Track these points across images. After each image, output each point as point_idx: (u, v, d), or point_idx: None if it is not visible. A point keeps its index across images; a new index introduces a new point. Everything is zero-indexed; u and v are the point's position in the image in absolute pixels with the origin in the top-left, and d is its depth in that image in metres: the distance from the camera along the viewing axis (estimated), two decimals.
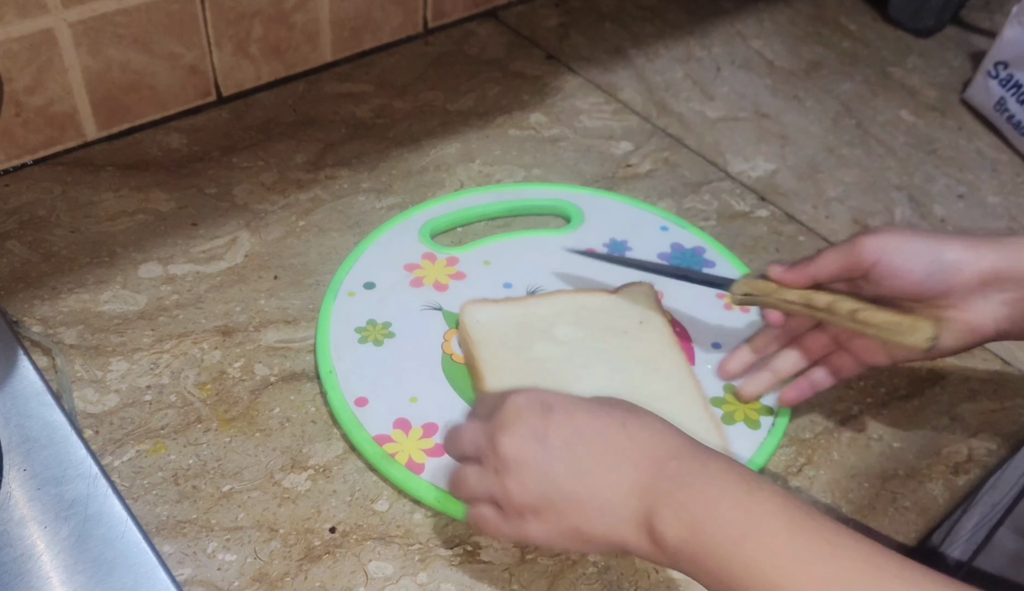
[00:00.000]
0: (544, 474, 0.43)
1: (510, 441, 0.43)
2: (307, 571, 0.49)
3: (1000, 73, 0.87)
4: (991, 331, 0.51)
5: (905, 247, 0.50)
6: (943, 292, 0.50)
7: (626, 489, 0.42)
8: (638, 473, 0.42)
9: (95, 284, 0.64)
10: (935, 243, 0.50)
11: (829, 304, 0.53)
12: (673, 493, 0.41)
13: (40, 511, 0.50)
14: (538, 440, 0.43)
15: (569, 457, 0.43)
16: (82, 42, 0.70)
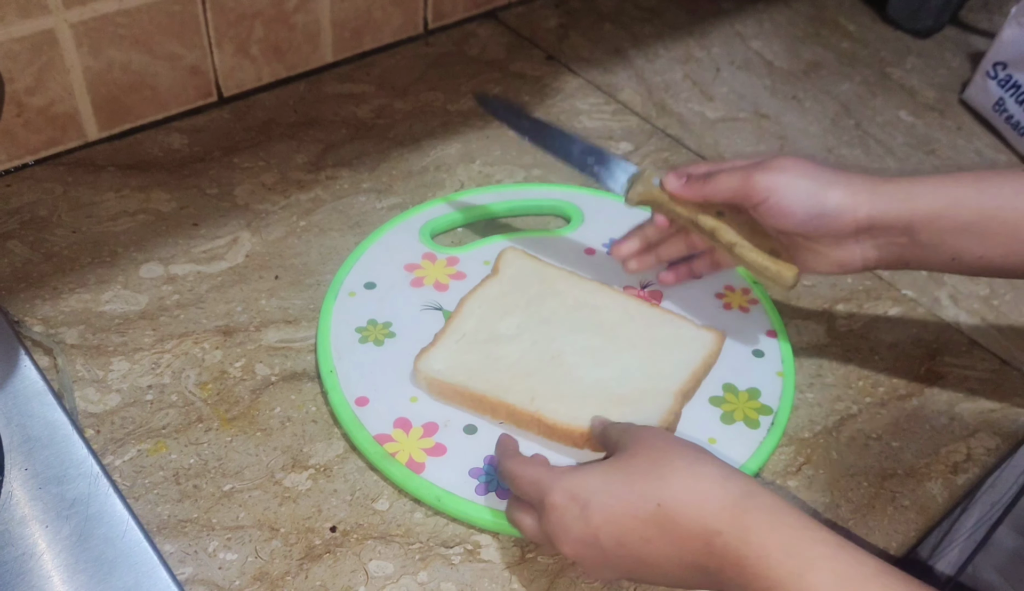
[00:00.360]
0: (605, 565, 0.45)
1: (570, 549, 0.45)
2: (308, 570, 0.50)
3: (999, 73, 0.87)
4: (859, 267, 0.55)
5: (793, 189, 0.53)
6: (821, 235, 0.54)
7: (687, 565, 0.43)
8: (693, 555, 0.42)
9: (96, 284, 0.64)
10: (820, 187, 0.53)
11: (713, 230, 0.58)
12: (724, 570, 0.41)
13: (41, 510, 0.50)
14: (592, 546, 0.44)
15: (624, 553, 0.44)
16: (83, 42, 0.70)
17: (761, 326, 0.64)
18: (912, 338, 0.67)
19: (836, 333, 0.66)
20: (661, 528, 0.42)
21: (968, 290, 0.71)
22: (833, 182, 0.53)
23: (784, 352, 0.63)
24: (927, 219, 0.52)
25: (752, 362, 0.62)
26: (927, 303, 0.70)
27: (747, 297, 0.66)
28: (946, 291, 0.71)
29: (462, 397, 0.56)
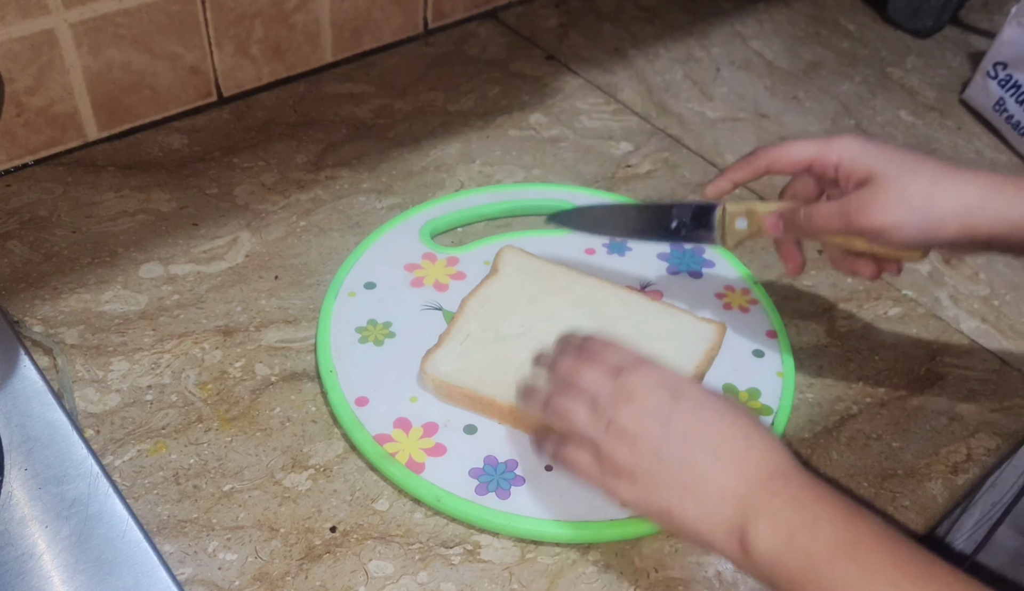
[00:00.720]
0: (655, 451, 0.44)
1: (634, 412, 0.45)
2: (308, 570, 0.50)
3: (999, 73, 0.87)
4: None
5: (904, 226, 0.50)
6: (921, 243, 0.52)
7: (729, 493, 0.43)
8: (745, 482, 0.43)
9: (96, 284, 0.64)
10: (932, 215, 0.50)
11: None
12: (773, 506, 0.42)
13: (41, 510, 0.50)
14: (661, 421, 0.45)
15: (685, 446, 0.44)
16: (83, 42, 0.70)
17: (761, 326, 0.64)
18: (912, 338, 0.67)
19: (836, 333, 0.66)
20: (734, 449, 0.44)
21: (968, 290, 0.71)
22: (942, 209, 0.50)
23: (784, 352, 0.63)
24: None
25: (752, 362, 0.62)
26: (927, 303, 0.70)
27: (747, 297, 0.66)
28: (946, 291, 0.71)
29: (470, 400, 0.56)
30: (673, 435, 0.44)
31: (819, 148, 0.54)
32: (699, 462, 0.44)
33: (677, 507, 0.44)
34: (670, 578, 0.51)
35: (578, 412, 0.47)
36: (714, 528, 0.43)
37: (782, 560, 0.41)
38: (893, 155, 0.52)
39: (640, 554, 0.52)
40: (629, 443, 0.45)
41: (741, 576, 0.51)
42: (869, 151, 0.53)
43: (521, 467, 0.54)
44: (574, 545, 0.52)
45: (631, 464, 0.45)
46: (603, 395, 0.47)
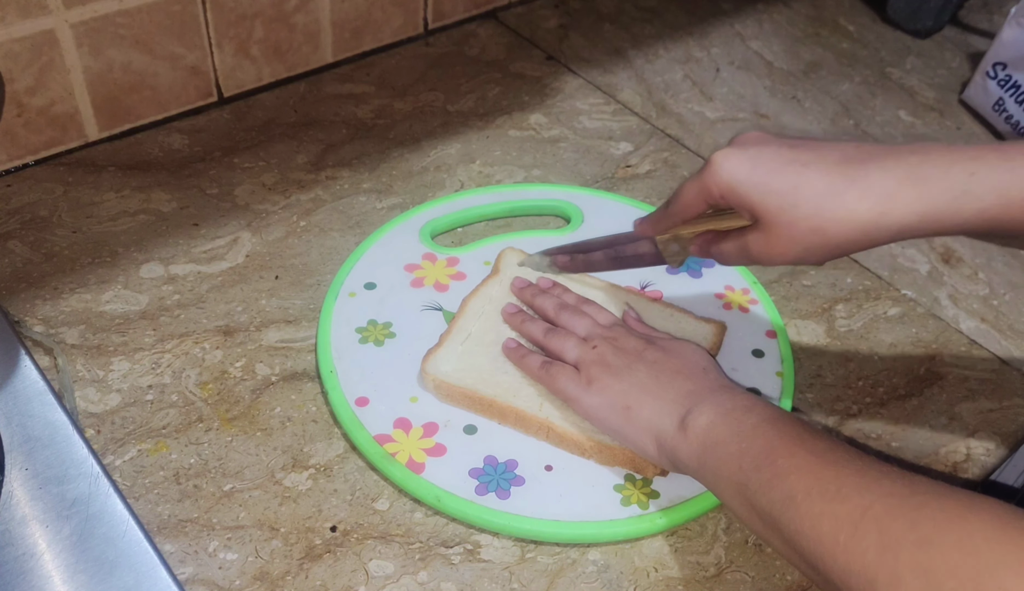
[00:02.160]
0: (628, 366, 0.54)
1: (616, 346, 0.55)
2: (308, 570, 0.50)
3: (999, 74, 0.87)
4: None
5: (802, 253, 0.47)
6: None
7: (682, 393, 0.51)
8: (696, 385, 0.52)
9: (97, 284, 0.64)
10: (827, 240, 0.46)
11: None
12: (718, 396, 0.50)
13: (42, 510, 0.50)
14: (636, 353, 0.55)
15: (652, 367, 0.53)
16: (83, 43, 0.70)
17: (761, 326, 0.64)
18: (912, 338, 0.67)
19: (836, 333, 0.66)
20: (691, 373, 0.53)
21: (968, 290, 0.71)
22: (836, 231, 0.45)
23: (784, 352, 0.63)
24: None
25: (752, 362, 0.62)
26: (926, 303, 0.70)
27: (747, 297, 0.66)
28: (946, 291, 0.71)
29: (470, 400, 0.56)
30: (644, 360, 0.54)
31: (700, 188, 0.50)
32: (662, 378, 0.53)
33: (635, 403, 0.52)
34: (670, 578, 0.51)
35: (570, 339, 0.57)
36: (663, 417, 0.50)
37: (715, 429, 0.48)
38: (770, 183, 0.47)
39: (640, 554, 0.52)
40: (606, 364, 0.54)
41: (742, 576, 0.51)
42: (743, 179, 0.47)
43: (521, 467, 0.54)
44: (574, 545, 0.52)
45: (604, 377, 0.53)
46: (593, 335, 0.57)
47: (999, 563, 0.34)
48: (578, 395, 0.54)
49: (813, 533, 0.40)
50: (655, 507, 0.53)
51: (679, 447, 0.49)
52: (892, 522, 0.37)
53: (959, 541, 0.35)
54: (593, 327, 0.58)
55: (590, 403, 0.53)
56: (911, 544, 0.36)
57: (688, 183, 0.51)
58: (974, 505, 0.37)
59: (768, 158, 0.47)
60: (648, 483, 0.54)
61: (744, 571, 0.51)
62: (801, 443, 0.44)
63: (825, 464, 0.42)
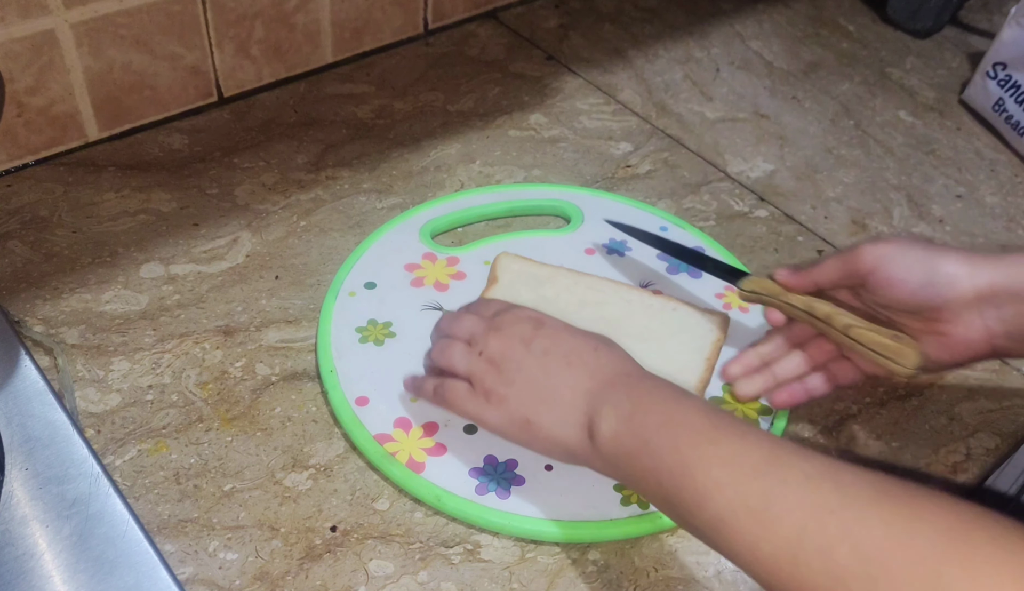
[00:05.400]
0: (518, 368, 0.49)
1: (501, 339, 0.50)
2: (308, 570, 0.50)
3: (998, 74, 0.87)
4: (986, 348, 0.51)
5: (902, 257, 0.51)
6: (938, 306, 0.51)
7: (580, 393, 0.47)
8: (592, 381, 0.48)
9: (97, 284, 0.64)
10: (933, 255, 0.51)
11: (827, 315, 0.54)
12: (616, 395, 0.46)
13: (42, 510, 0.50)
14: (524, 344, 0.50)
15: (543, 361, 0.49)
16: (83, 43, 0.70)
17: (761, 327, 0.64)
18: None
19: None
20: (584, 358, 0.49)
21: None
22: (947, 251, 0.51)
23: None
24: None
25: None
26: None
27: None
28: None
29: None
30: (533, 352, 0.49)
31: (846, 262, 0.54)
32: (553, 371, 0.48)
33: (534, 415, 0.48)
34: (670, 577, 0.51)
35: (455, 349, 0.52)
36: (567, 427, 0.47)
37: (621, 439, 0.45)
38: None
39: (640, 554, 0.52)
40: (496, 367, 0.50)
41: (741, 576, 0.51)
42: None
43: (521, 467, 0.54)
44: (574, 545, 0.52)
45: (498, 385, 0.49)
46: (477, 332, 0.52)
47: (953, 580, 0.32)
48: (478, 413, 0.50)
49: (752, 556, 0.38)
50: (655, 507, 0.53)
51: (592, 461, 0.47)
52: (833, 548, 0.35)
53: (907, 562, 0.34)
54: (475, 324, 0.52)
55: (492, 421, 0.50)
56: (859, 577, 0.34)
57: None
58: (913, 506, 0.36)
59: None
60: None
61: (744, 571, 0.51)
62: (713, 448, 0.41)
63: (744, 473, 0.40)
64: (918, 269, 0.51)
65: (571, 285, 0.64)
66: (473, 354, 0.51)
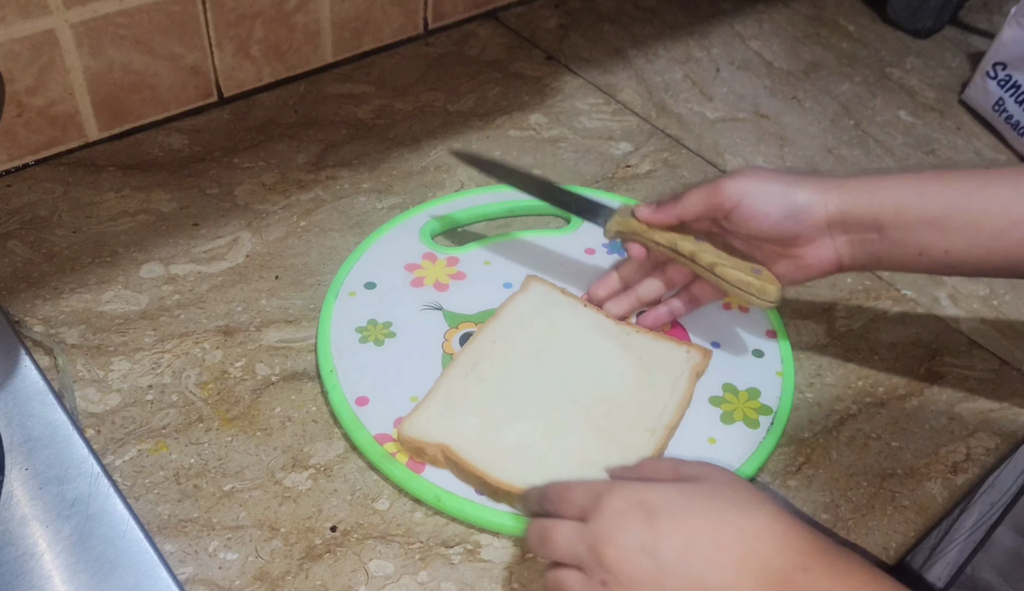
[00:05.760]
0: (653, 580, 0.40)
1: (617, 554, 0.41)
2: (308, 570, 0.50)
3: (998, 74, 0.87)
4: (834, 267, 0.56)
5: (763, 191, 0.54)
6: (796, 233, 0.54)
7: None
8: (752, 581, 0.40)
9: (97, 284, 0.64)
10: (790, 186, 0.54)
11: (692, 253, 0.57)
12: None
13: (42, 510, 0.50)
14: (648, 554, 0.40)
15: (685, 571, 0.40)
16: (83, 43, 0.70)
17: (761, 326, 0.64)
18: (912, 338, 0.67)
19: (836, 333, 0.66)
20: (739, 556, 0.40)
21: (968, 290, 0.71)
22: (801, 181, 0.55)
23: (784, 352, 0.63)
24: (893, 212, 0.53)
25: (752, 362, 0.62)
26: (927, 303, 0.70)
27: None
28: (946, 291, 0.71)
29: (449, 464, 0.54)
30: (667, 563, 0.40)
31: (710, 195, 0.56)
32: (707, 582, 0.40)
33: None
34: None
35: (571, 581, 0.43)
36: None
37: None
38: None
39: None
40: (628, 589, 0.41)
41: None
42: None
43: None
44: None
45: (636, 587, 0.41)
46: (582, 554, 0.42)
47: None
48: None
49: None
50: None
51: None
52: None
53: None
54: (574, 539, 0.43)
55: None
56: None
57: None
58: None
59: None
60: None
61: None
62: None
63: None
64: (779, 202, 0.54)
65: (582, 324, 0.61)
66: (594, 585, 0.42)
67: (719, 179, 0.56)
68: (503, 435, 0.54)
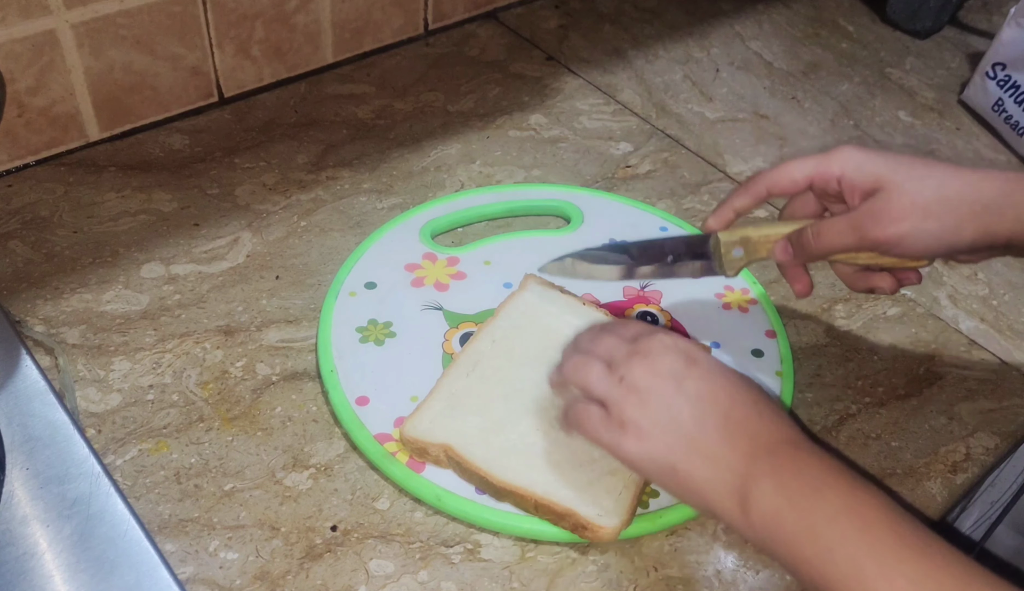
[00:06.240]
0: (668, 407, 0.45)
1: (649, 367, 0.46)
2: (308, 569, 0.50)
3: (998, 74, 0.87)
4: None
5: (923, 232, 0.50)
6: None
7: (737, 455, 0.44)
8: (752, 447, 0.44)
9: (97, 284, 0.64)
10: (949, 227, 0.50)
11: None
12: (778, 470, 0.43)
13: (43, 510, 0.50)
14: (675, 380, 0.45)
15: (697, 406, 0.45)
16: (84, 43, 0.70)
17: (760, 326, 0.64)
18: (911, 338, 0.67)
19: (835, 333, 0.66)
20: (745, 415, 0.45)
21: (967, 290, 0.71)
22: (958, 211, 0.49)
23: (783, 352, 0.63)
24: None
25: (751, 362, 0.62)
26: (926, 303, 0.70)
27: (746, 297, 0.66)
28: (945, 291, 0.71)
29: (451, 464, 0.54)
30: (685, 394, 0.45)
31: (818, 163, 0.52)
32: (709, 423, 0.44)
33: (683, 464, 0.44)
34: (670, 577, 0.51)
35: (592, 369, 0.48)
36: (717, 488, 0.44)
37: (781, 519, 0.42)
38: (899, 160, 0.51)
39: (640, 553, 0.52)
40: (640, 398, 0.45)
41: (741, 575, 0.51)
42: (872, 159, 0.51)
43: None
44: (574, 544, 0.52)
45: (639, 418, 0.45)
46: (619, 356, 0.47)
47: None
48: (613, 443, 0.46)
49: None
50: (655, 506, 0.53)
51: (741, 527, 0.43)
52: None
53: None
54: (616, 346, 0.48)
55: (631, 454, 0.46)
56: None
57: (797, 159, 0.53)
58: None
59: (888, 153, 0.52)
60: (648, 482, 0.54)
61: (743, 570, 0.52)
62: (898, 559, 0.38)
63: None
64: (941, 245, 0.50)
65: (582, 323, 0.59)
66: (612, 380, 0.47)
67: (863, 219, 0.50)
68: (505, 434, 0.54)
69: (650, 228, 0.71)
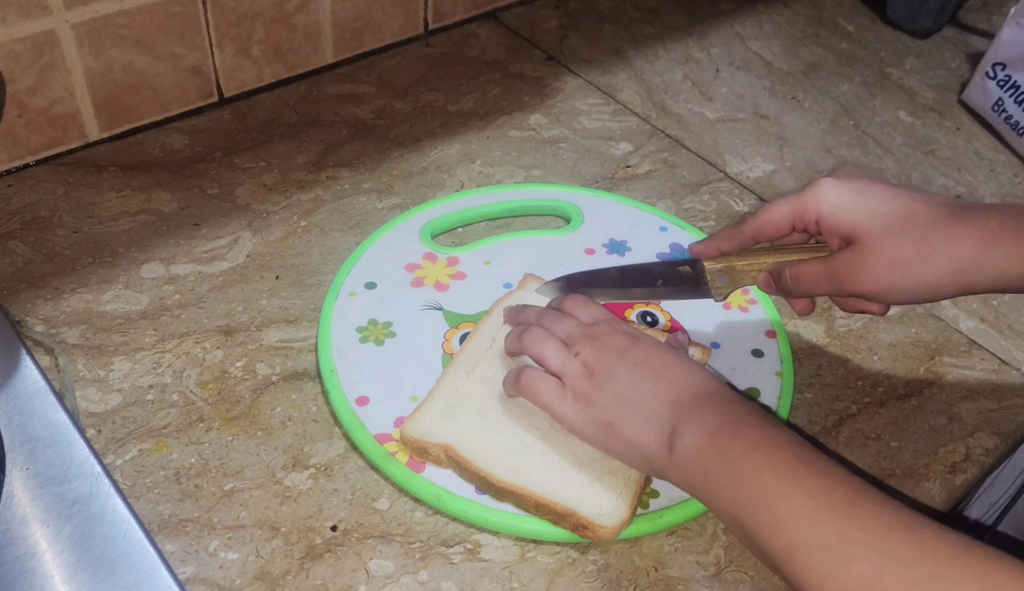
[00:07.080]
0: (610, 374, 0.50)
1: (598, 346, 0.52)
2: (308, 569, 0.50)
3: (998, 74, 0.87)
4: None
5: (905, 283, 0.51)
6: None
7: (666, 403, 0.48)
8: (680, 394, 0.48)
9: (97, 284, 0.64)
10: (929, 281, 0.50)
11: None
12: (703, 412, 0.47)
13: (43, 510, 0.50)
14: (619, 352, 0.51)
15: (634, 371, 0.50)
16: (84, 43, 0.70)
17: (760, 326, 0.64)
18: (911, 338, 0.67)
19: (835, 333, 0.66)
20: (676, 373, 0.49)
21: None
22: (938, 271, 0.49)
23: (783, 352, 0.63)
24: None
25: (751, 362, 0.62)
26: (926, 303, 0.70)
27: (746, 297, 0.66)
28: None
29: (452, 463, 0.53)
30: (626, 362, 0.50)
31: (795, 206, 0.54)
32: (643, 381, 0.49)
33: (617, 419, 0.49)
34: (669, 577, 0.51)
35: (551, 344, 0.53)
36: (648, 434, 0.48)
37: (702, 454, 0.45)
38: (878, 205, 0.50)
39: (640, 553, 0.52)
40: (589, 371, 0.51)
41: (741, 576, 0.51)
42: (849, 202, 0.51)
43: None
44: (574, 544, 0.52)
45: (588, 389, 0.50)
46: (575, 335, 0.53)
47: None
48: (562, 411, 0.51)
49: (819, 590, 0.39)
50: (655, 506, 0.53)
51: (667, 468, 0.47)
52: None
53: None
54: (574, 328, 0.54)
55: (573, 421, 0.51)
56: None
57: (776, 203, 0.55)
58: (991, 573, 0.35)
59: (874, 189, 0.52)
60: (649, 481, 0.54)
61: (743, 571, 0.52)
62: (796, 478, 0.42)
63: (825, 511, 0.40)
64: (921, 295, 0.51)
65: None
66: (569, 354, 0.52)
67: (838, 269, 0.52)
68: (505, 434, 0.54)
69: (650, 228, 0.71)
